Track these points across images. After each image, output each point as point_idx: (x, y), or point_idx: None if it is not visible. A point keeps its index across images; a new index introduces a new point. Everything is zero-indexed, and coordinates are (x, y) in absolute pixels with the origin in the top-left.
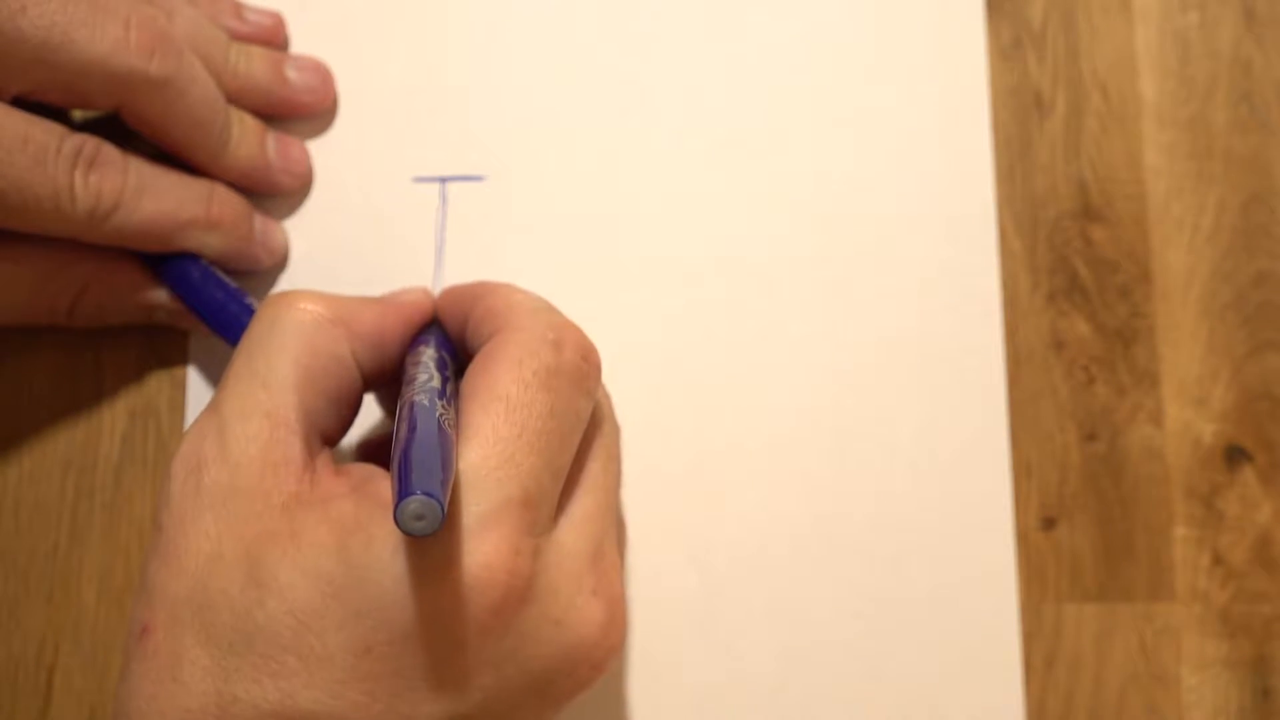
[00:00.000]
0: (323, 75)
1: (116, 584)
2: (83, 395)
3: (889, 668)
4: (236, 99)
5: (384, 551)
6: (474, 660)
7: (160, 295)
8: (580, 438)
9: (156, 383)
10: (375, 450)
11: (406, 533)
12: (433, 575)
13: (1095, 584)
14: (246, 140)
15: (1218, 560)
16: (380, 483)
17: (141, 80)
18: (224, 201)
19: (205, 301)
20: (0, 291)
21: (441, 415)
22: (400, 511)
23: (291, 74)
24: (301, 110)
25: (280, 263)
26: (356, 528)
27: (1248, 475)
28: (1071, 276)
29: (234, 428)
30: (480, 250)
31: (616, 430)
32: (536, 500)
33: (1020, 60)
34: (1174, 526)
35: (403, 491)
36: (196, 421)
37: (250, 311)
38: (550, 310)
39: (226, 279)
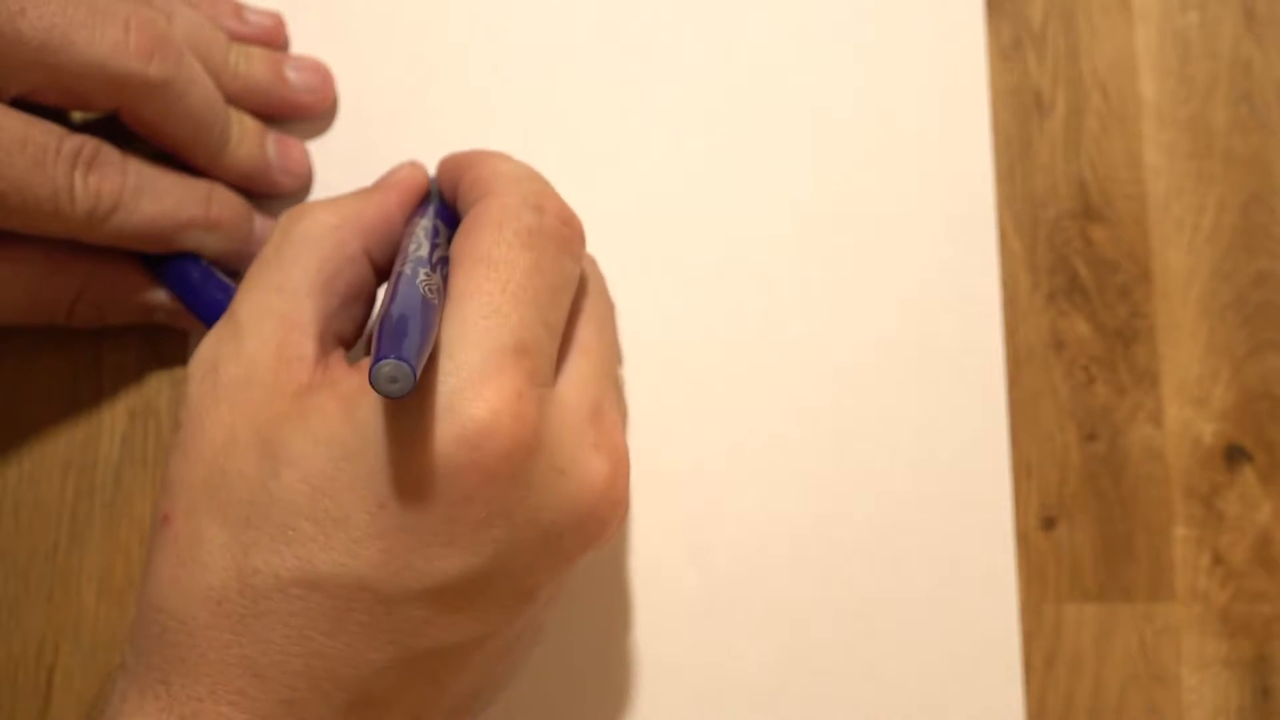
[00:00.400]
0: (323, 75)
1: (116, 584)
2: (83, 395)
3: (889, 668)
4: (236, 100)
5: (391, 409)
6: (484, 511)
7: (160, 295)
8: (570, 299)
9: (156, 383)
10: None
11: (382, 394)
12: (442, 427)
13: (1095, 584)
14: (246, 141)
15: (1218, 560)
16: None
17: (141, 82)
18: (224, 202)
19: (205, 301)
20: (0, 291)
21: (424, 281)
22: (374, 375)
23: (291, 74)
24: (301, 110)
25: None
26: (362, 393)
27: (1248, 475)
28: (1071, 276)
29: (249, 329)
30: None
31: (610, 303)
32: (532, 349)
33: (1020, 60)
34: (1174, 526)
35: (377, 356)
36: (215, 328)
37: None
38: (534, 178)
39: (226, 279)
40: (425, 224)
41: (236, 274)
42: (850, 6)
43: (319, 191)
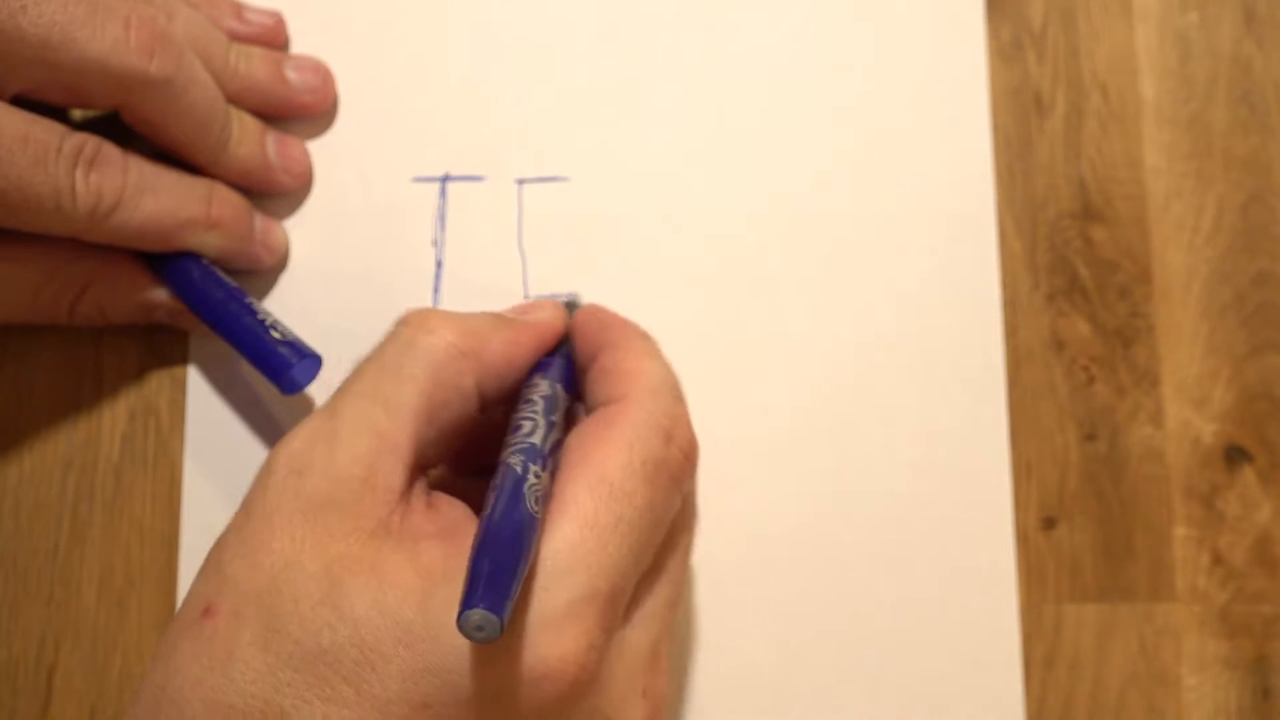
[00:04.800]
0: (323, 75)
1: (116, 584)
2: (83, 395)
3: (889, 667)
4: (236, 99)
5: None
6: None
7: (160, 295)
8: (666, 530)
9: (156, 383)
10: (472, 463)
11: (466, 638)
12: (509, 654)
13: (1095, 584)
14: (246, 140)
15: (1218, 560)
16: (459, 528)
17: (141, 80)
18: (224, 201)
19: (205, 301)
20: (0, 291)
21: (532, 486)
22: (464, 620)
23: (291, 74)
24: (301, 110)
25: (280, 262)
26: (442, 579)
27: (1248, 475)
28: (1071, 276)
29: (346, 441)
30: (480, 250)
31: (695, 521)
32: (619, 597)
33: (1020, 60)
34: (1174, 526)
35: (468, 600)
36: (311, 422)
37: (251, 311)
38: (672, 392)
39: (227, 279)
40: (545, 389)
41: (237, 273)
42: (850, 6)
43: (319, 192)
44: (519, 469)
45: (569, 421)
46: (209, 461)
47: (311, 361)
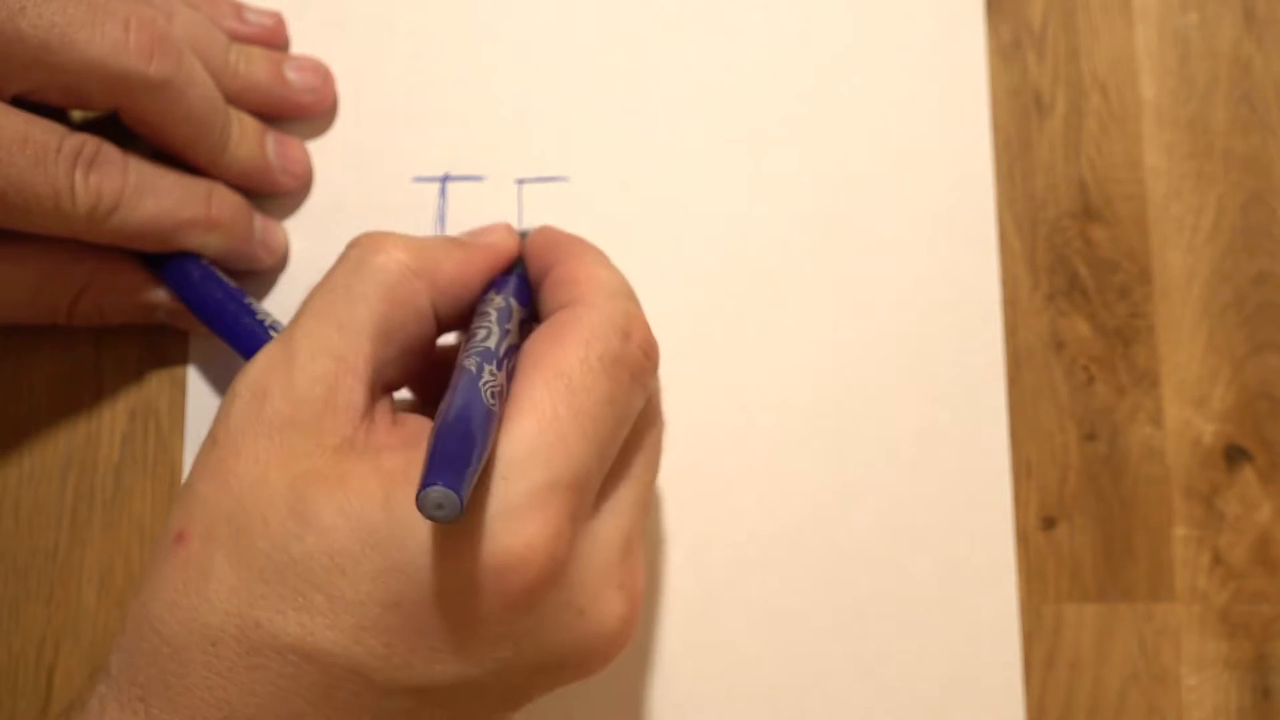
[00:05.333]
0: (323, 75)
1: (116, 584)
2: (83, 395)
3: (889, 667)
4: (236, 100)
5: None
6: (495, 631)
7: (160, 295)
8: (629, 429)
9: (156, 383)
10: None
11: (426, 518)
12: (472, 545)
13: (1095, 584)
14: (246, 141)
15: (1218, 560)
16: (420, 436)
17: (140, 81)
18: (224, 201)
19: (205, 301)
20: (0, 291)
21: (488, 383)
22: (422, 499)
23: (291, 74)
24: (301, 110)
25: (280, 262)
26: (405, 482)
27: (1248, 475)
28: (1071, 276)
29: (303, 364)
30: None
31: (662, 425)
32: (583, 486)
33: (1020, 60)
34: (1174, 526)
35: (427, 478)
36: (268, 349)
37: (250, 312)
38: (627, 296)
39: (226, 279)
40: (500, 302)
41: (237, 274)
42: (850, 6)
43: (319, 192)
44: (474, 369)
45: (524, 334)
46: None
47: None
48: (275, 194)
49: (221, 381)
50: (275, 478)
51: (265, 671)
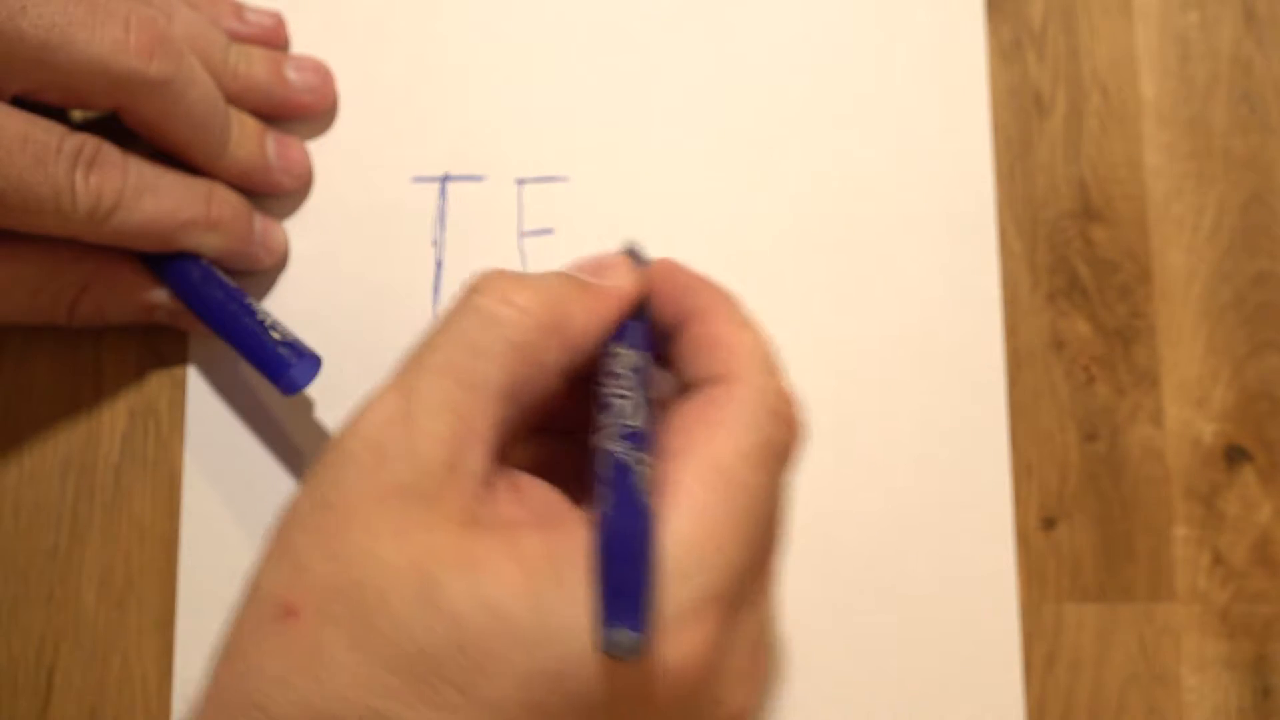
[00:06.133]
0: (323, 75)
1: (116, 584)
2: (83, 395)
3: (889, 667)
4: (236, 100)
5: (585, 618)
6: None
7: (160, 295)
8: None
9: (156, 383)
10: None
11: (606, 653)
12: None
13: (1095, 584)
14: (246, 141)
15: (1218, 560)
16: (567, 521)
17: (140, 81)
18: (224, 201)
19: (205, 301)
20: (0, 291)
21: (641, 475)
22: (608, 639)
23: (291, 74)
24: (301, 110)
25: (280, 263)
26: (552, 575)
27: (1248, 475)
28: (1071, 276)
29: (423, 423)
30: (480, 250)
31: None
32: (738, 592)
33: (1020, 60)
34: (1174, 526)
35: (609, 616)
36: (383, 401)
37: (250, 312)
38: (775, 366)
39: (226, 279)
40: (633, 360)
41: (237, 274)
42: (850, 6)
43: (319, 192)
44: (625, 458)
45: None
46: (209, 461)
47: (311, 362)
48: (275, 194)
49: (221, 382)
50: (393, 553)
51: None
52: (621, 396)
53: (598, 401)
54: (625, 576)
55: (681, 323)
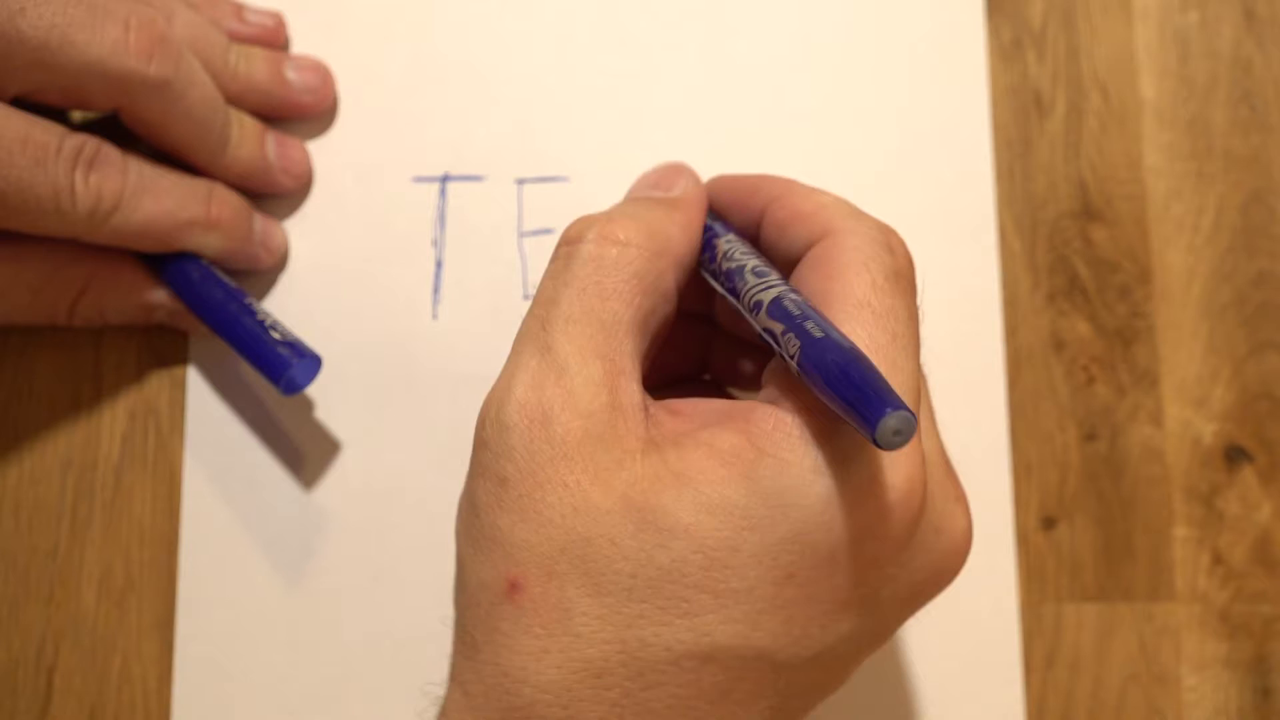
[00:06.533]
0: (323, 75)
1: (116, 584)
2: (83, 395)
3: (889, 667)
4: (236, 100)
5: (804, 475)
6: (886, 574)
7: (160, 295)
8: None
9: (156, 383)
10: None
11: (884, 448)
12: (860, 494)
13: (1095, 584)
14: (246, 141)
15: (1218, 560)
16: (733, 411)
17: (140, 82)
18: (224, 201)
19: (205, 301)
20: (0, 291)
21: (814, 310)
22: (880, 428)
23: (291, 74)
24: (301, 111)
25: (280, 262)
26: (760, 455)
27: (1248, 475)
28: (1071, 276)
29: (576, 372)
30: (480, 250)
31: None
32: (918, 406)
33: (1020, 60)
34: (1174, 526)
35: (876, 407)
36: (523, 367)
37: (250, 312)
38: (864, 214)
39: (226, 279)
40: (732, 239)
41: (237, 274)
42: (850, 6)
43: (319, 192)
44: (788, 302)
45: None
46: (209, 461)
47: (311, 362)
48: (275, 194)
49: (221, 382)
50: (601, 498)
51: (661, 688)
52: (745, 264)
53: (725, 282)
54: (857, 378)
55: (759, 215)
